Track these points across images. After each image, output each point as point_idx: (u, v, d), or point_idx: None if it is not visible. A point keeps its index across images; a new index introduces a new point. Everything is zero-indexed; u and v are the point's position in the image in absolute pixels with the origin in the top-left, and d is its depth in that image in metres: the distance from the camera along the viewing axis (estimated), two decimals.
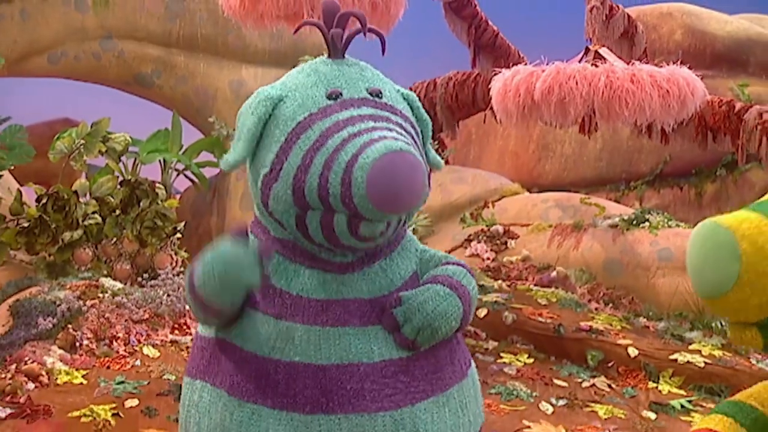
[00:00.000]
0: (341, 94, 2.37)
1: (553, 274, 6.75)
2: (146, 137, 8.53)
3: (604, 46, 5.52)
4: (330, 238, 2.33)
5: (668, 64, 5.26)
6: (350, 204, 2.22)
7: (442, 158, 8.14)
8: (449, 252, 7.38)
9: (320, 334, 2.36)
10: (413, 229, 7.62)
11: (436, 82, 8.11)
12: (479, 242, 7.35)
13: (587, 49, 5.11)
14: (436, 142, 8.28)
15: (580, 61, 5.08)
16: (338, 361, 2.33)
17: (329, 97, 2.36)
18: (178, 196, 8.73)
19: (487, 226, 7.52)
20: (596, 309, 6.27)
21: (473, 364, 2.66)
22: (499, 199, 7.89)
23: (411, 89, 8.18)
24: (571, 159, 11.34)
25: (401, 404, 2.35)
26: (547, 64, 4.99)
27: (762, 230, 1.88)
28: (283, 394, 2.33)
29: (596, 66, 4.90)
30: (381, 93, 2.42)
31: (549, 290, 6.45)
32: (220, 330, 2.50)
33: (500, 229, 7.45)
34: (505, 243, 7.32)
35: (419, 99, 2.70)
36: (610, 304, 6.43)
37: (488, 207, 7.76)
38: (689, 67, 5.20)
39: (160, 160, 8.46)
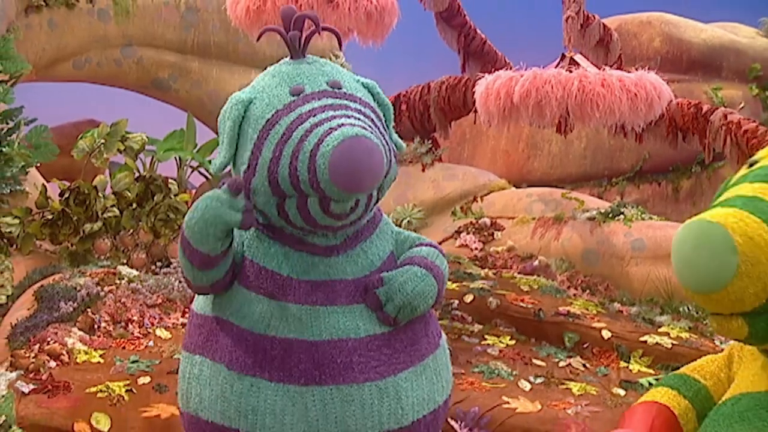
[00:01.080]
0: (303, 89, 2.43)
1: (536, 262, 6.78)
2: (163, 137, 8.56)
3: (579, 53, 5.54)
4: (308, 221, 2.38)
5: (647, 70, 5.27)
6: (318, 188, 2.29)
7: (436, 156, 8.27)
8: (441, 243, 7.40)
9: (311, 313, 2.41)
10: (408, 221, 7.64)
11: (429, 85, 8.12)
12: (468, 233, 7.36)
13: (563, 56, 5.13)
14: (430, 141, 8.30)
15: (556, 67, 5.09)
16: (329, 337, 2.39)
17: (293, 94, 2.42)
18: (193, 191, 8.77)
19: (475, 218, 7.51)
20: (574, 295, 6.28)
21: (443, 335, 2.74)
22: (487, 194, 7.87)
23: (407, 92, 8.30)
24: (558, 157, 11.34)
25: (385, 374, 2.42)
26: (526, 70, 5.01)
27: (746, 222, 1.85)
28: (279, 368, 2.38)
29: (570, 71, 4.91)
30: (340, 84, 2.47)
31: (531, 278, 6.47)
32: (215, 308, 2.54)
33: (488, 221, 7.45)
34: (492, 234, 7.33)
35: (415, 101, 2.75)
36: (587, 291, 6.44)
37: (477, 201, 7.75)
38: (656, 72, 5.20)
39: (175, 158, 8.48)
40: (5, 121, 6.25)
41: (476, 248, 7.16)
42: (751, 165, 2.08)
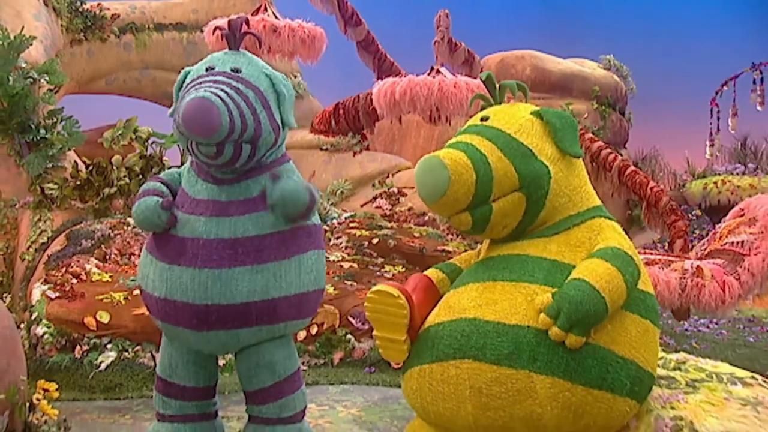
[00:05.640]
0: (214, 68, 2.51)
1: (426, 218, 6.96)
2: (170, 132, 8.63)
3: (449, 68, 5.71)
4: (197, 156, 2.47)
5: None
6: (183, 131, 2.39)
7: (363, 146, 8.40)
8: (363, 205, 7.58)
9: (185, 218, 2.53)
10: (341, 191, 7.78)
11: (359, 96, 8.24)
12: (382, 199, 7.51)
13: (432, 68, 5.30)
14: (360, 136, 8.43)
15: (426, 75, 5.26)
16: (189, 235, 2.50)
17: (206, 70, 2.51)
18: None
19: (387, 189, 7.67)
20: (451, 239, 6.47)
21: (307, 254, 2.60)
22: (397, 172, 8.00)
23: (344, 101, 8.40)
24: None
25: (222, 266, 2.46)
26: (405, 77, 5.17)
27: (455, 154, 2.16)
28: (161, 252, 2.55)
29: (434, 77, 5.09)
30: (240, 69, 2.50)
31: (423, 228, 6.65)
32: None
33: (395, 190, 7.59)
34: (398, 199, 7.47)
35: (348, 107, 2.76)
36: (460, 236, 6.61)
37: (389, 177, 7.89)
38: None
39: (178, 146, 8.53)
40: (50, 118, 6.32)
41: (387, 209, 7.31)
42: (482, 119, 2.33)
